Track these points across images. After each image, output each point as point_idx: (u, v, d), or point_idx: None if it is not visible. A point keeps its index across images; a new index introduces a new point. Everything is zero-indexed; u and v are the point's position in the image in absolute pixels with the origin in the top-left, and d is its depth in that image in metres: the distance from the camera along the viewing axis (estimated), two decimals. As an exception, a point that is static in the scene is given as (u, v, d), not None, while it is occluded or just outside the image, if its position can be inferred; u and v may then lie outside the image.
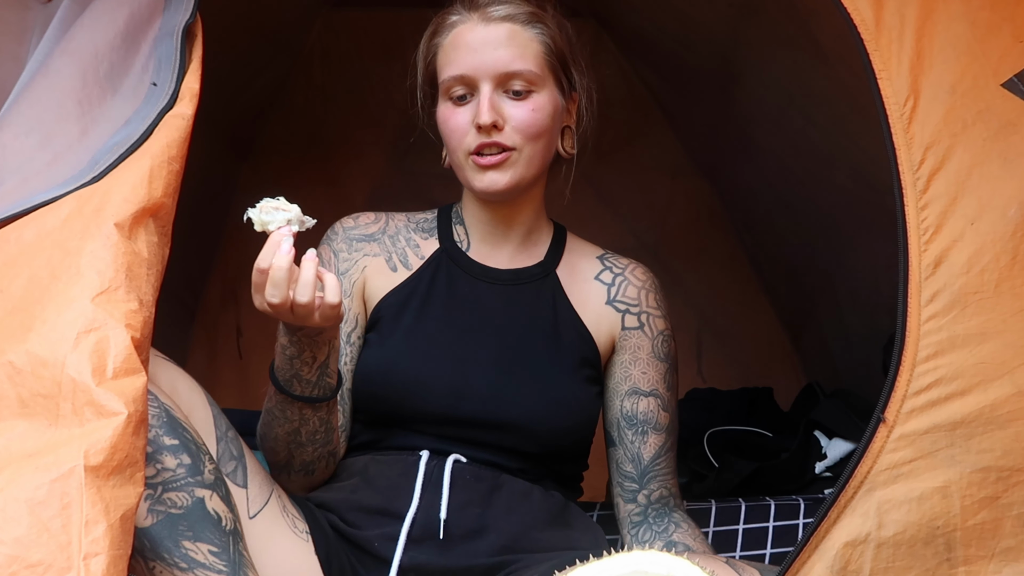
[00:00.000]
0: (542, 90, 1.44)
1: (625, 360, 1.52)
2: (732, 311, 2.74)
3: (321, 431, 1.39)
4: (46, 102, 1.26)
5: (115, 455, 0.95)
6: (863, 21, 1.22)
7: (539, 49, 1.44)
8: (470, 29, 1.44)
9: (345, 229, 1.54)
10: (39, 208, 1.14)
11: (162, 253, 1.15)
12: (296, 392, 1.34)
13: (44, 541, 0.90)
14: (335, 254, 1.52)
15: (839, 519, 1.13)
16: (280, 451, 1.41)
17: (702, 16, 2.04)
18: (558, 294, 1.53)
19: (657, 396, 1.51)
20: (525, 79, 1.42)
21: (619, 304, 1.53)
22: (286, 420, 1.37)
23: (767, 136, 2.15)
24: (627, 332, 1.52)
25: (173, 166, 1.17)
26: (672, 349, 1.55)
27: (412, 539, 1.35)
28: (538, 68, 1.43)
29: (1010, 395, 1.13)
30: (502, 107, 1.41)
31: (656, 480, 1.50)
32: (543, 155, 1.47)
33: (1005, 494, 1.13)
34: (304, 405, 1.36)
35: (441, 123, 1.46)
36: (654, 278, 1.58)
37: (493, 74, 1.41)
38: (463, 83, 1.43)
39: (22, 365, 0.99)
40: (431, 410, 1.42)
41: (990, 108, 1.19)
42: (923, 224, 1.17)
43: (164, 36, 1.28)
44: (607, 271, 1.56)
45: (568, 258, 1.56)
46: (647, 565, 1.00)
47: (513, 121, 1.41)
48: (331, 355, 1.34)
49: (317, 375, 1.34)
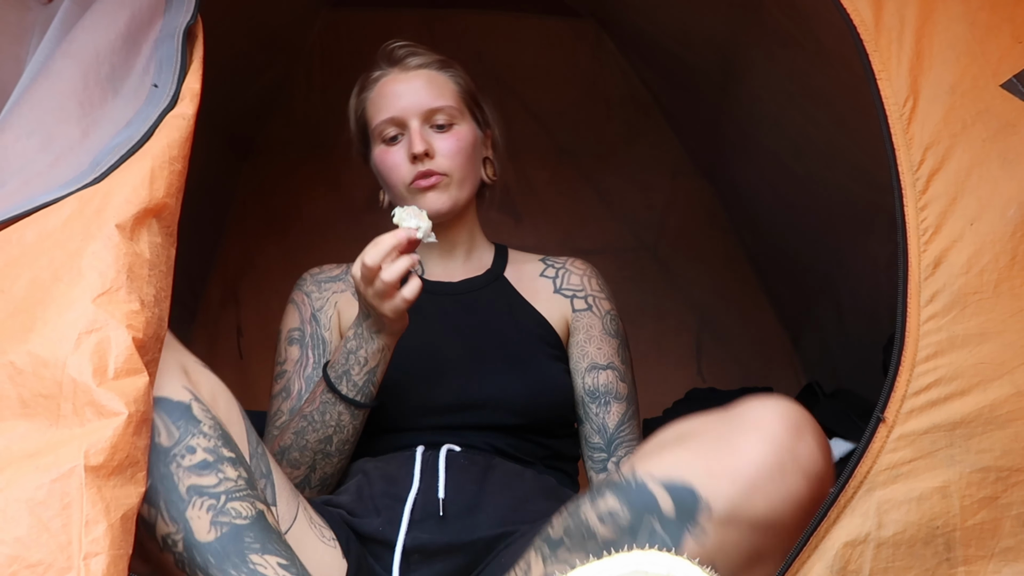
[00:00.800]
0: (462, 123, 1.67)
1: (580, 340, 1.68)
2: (732, 311, 2.74)
3: (350, 442, 1.51)
4: (47, 104, 1.26)
5: (116, 455, 0.95)
6: (863, 22, 1.23)
7: (454, 89, 1.68)
8: (393, 80, 1.67)
9: (312, 275, 1.75)
10: (40, 209, 1.14)
11: (167, 253, 1.15)
12: (343, 392, 1.47)
13: (44, 541, 0.90)
14: (307, 295, 1.71)
15: (839, 519, 1.13)
16: (303, 463, 1.50)
17: (702, 16, 2.04)
18: (510, 292, 1.71)
19: (614, 368, 1.66)
20: (447, 113, 1.65)
21: (566, 291, 1.73)
22: (323, 425, 1.48)
23: (767, 136, 2.15)
24: (578, 314, 1.70)
25: (175, 166, 1.17)
26: (620, 327, 1.72)
27: (414, 520, 1.40)
28: (456, 103, 1.67)
29: (1009, 395, 1.13)
30: (430, 139, 1.63)
31: (623, 447, 1.62)
32: (472, 179, 1.67)
33: (1004, 494, 1.13)
34: (344, 409, 1.48)
35: (379, 164, 1.67)
36: (593, 268, 1.78)
37: (419, 111, 1.63)
38: (394, 124, 1.64)
39: (23, 365, 1.00)
40: (411, 405, 1.54)
41: (990, 109, 1.19)
42: (923, 224, 1.17)
43: (165, 38, 1.28)
44: (549, 268, 1.76)
45: (512, 266, 1.76)
46: (647, 565, 1.00)
47: (442, 150, 1.62)
48: (380, 366, 1.49)
49: (364, 379, 1.48)
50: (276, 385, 1.64)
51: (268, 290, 2.69)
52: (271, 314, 2.72)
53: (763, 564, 1.09)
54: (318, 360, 1.64)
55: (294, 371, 1.63)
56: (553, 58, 2.71)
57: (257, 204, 2.71)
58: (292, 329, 1.68)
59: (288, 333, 1.68)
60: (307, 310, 1.69)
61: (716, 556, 1.05)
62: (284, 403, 1.60)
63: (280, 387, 1.63)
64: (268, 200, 2.71)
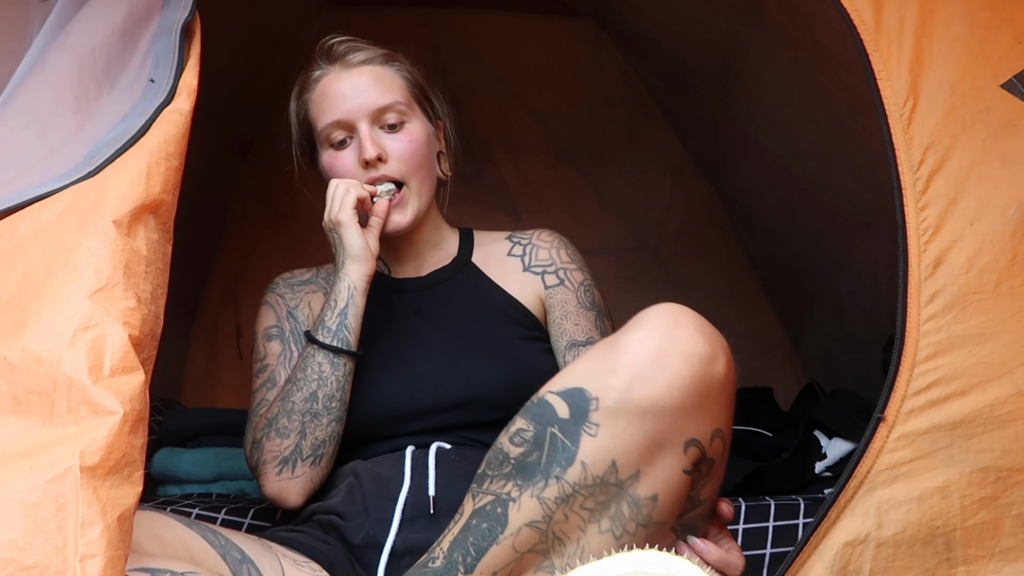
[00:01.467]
0: (413, 120, 1.58)
1: (557, 317, 1.62)
2: (732, 311, 2.74)
3: (336, 398, 1.46)
4: (43, 96, 1.25)
5: (111, 455, 0.94)
6: (863, 22, 1.22)
7: (401, 83, 1.59)
8: (336, 79, 1.57)
9: (284, 279, 1.70)
10: (35, 202, 1.14)
11: (164, 250, 1.14)
12: (318, 338, 1.45)
13: (39, 543, 0.89)
14: (281, 297, 1.66)
15: (839, 519, 1.13)
16: (292, 430, 1.45)
17: (702, 16, 2.04)
18: (478, 277, 1.65)
19: (593, 343, 1.58)
20: (396, 111, 1.56)
21: (535, 268, 1.65)
22: (306, 381, 1.45)
23: (767, 136, 2.15)
24: (551, 290, 1.63)
25: (172, 162, 1.17)
26: (596, 297, 1.65)
27: (405, 519, 1.39)
28: (404, 99, 1.58)
29: (1009, 395, 1.13)
30: (382, 141, 1.54)
31: None
32: (429, 181, 1.59)
33: (1004, 494, 1.13)
34: (324, 359, 1.45)
35: (328, 170, 1.58)
36: (560, 237, 1.70)
37: (367, 112, 1.54)
38: (341, 127, 1.55)
39: (17, 361, 0.99)
40: (393, 410, 1.50)
41: (989, 109, 1.19)
42: (923, 224, 1.17)
43: (162, 33, 1.28)
44: (516, 245, 1.69)
45: (480, 249, 1.69)
46: (647, 565, 1.00)
47: (395, 153, 1.54)
48: (351, 308, 1.47)
49: (336, 322, 1.46)
50: (258, 380, 1.59)
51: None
52: (271, 314, 2.74)
53: (663, 452, 1.13)
54: None
55: (278, 363, 1.59)
56: (553, 58, 2.71)
57: (257, 204, 2.71)
58: (269, 327, 1.63)
59: (266, 331, 1.63)
60: (282, 309, 1.65)
61: (614, 449, 1.12)
62: (269, 392, 1.56)
63: (264, 379, 1.58)
64: (268, 200, 2.71)
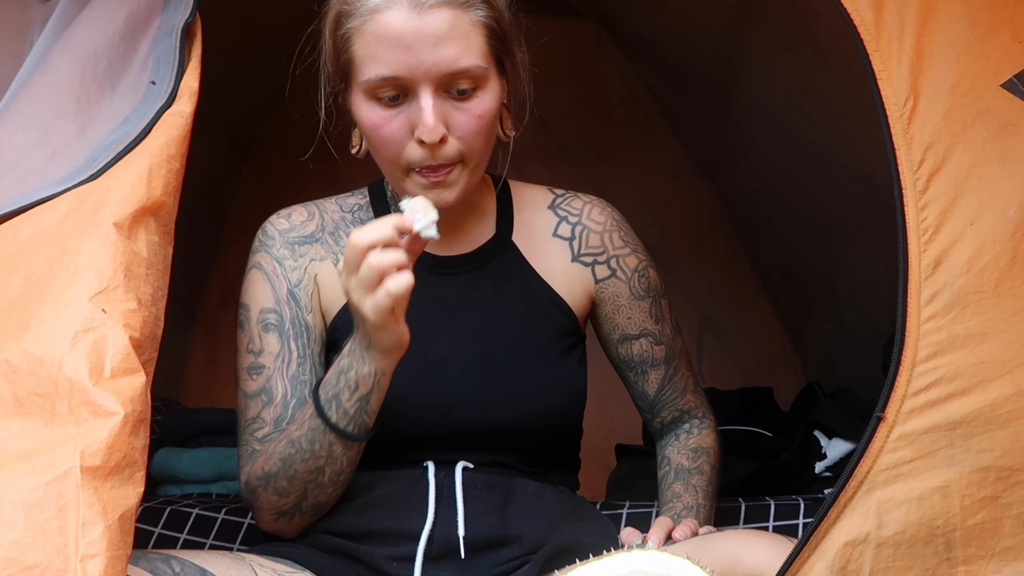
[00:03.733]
0: (487, 87, 1.26)
1: (608, 311, 1.46)
2: (732, 311, 2.74)
3: (346, 472, 1.28)
4: (44, 99, 1.25)
5: (112, 455, 0.95)
6: (863, 22, 1.22)
7: (483, 36, 1.24)
8: (400, 18, 1.20)
9: (281, 232, 1.39)
10: (36, 205, 1.14)
11: (164, 252, 1.14)
12: (332, 419, 1.23)
13: (40, 543, 0.89)
14: (279, 262, 1.38)
15: (839, 519, 1.13)
16: (293, 492, 1.28)
17: (702, 16, 2.04)
18: (521, 265, 1.42)
19: (647, 335, 1.48)
20: (471, 77, 1.23)
21: (585, 258, 1.44)
22: (313, 456, 1.25)
23: (767, 136, 2.15)
24: (602, 284, 1.45)
25: (173, 164, 1.16)
26: (652, 280, 1.48)
27: (430, 558, 1.28)
28: (484, 61, 1.24)
29: (1010, 395, 1.13)
30: (447, 115, 1.24)
31: (666, 408, 1.53)
32: (488, 154, 1.32)
33: (1005, 494, 1.13)
34: (336, 440, 1.24)
35: (368, 129, 1.29)
36: (613, 215, 1.47)
37: (435, 75, 1.21)
38: (396, 86, 1.23)
39: (18, 363, 0.99)
40: (423, 430, 1.34)
41: (990, 108, 1.19)
42: (923, 224, 1.16)
43: (163, 35, 1.27)
44: (563, 223, 1.44)
45: (520, 219, 1.43)
46: (647, 565, 1.00)
47: (459, 130, 1.24)
48: (374, 393, 1.23)
49: (356, 407, 1.23)
50: (251, 381, 1.35)
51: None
52: (271, 314, 2.74)
53: None
54: (303, 354, 1.35)
55: (275, 369, 1.34)
56: (553, 58, 2.71)
57: (257, 204, 2.71)
58: (265, 311, 1.36)
59: (261, 316, 1.36)
60: (282, 286, 1.37)
61: None
62: (265, 410, 1.33)
63: (258, 386, 1.34)
64: (268, 200, 2.70)
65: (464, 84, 1.23)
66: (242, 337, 1.38)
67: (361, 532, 1.31)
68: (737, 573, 1.15)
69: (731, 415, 2.30)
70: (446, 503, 1.31)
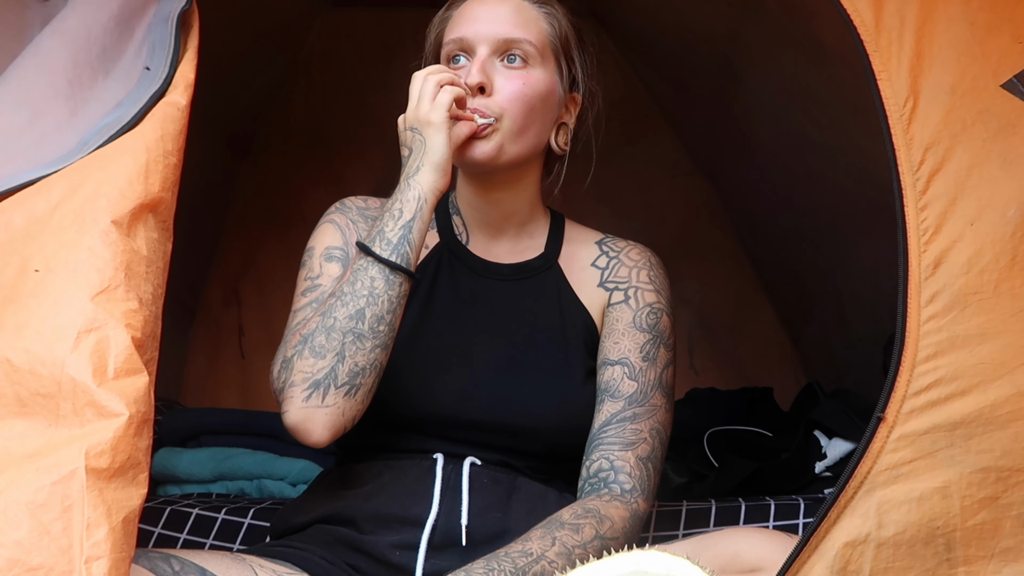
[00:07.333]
0: (538, 67, 1.41)
1: (604, 334, 1.48)
2: (732, 311, 2.74)
3: (386, 320, 1.29)
4: (36, 81, 1.23)
5: (117, 456, 0.95)
6: (863, 22, 1.22)
7: (543, 27, 1.43)
8: (479, 1, 1.43)
9: (358, 206, 1.50)
10: (25, 187, 1.12)
11: (164, 249, 1.13)
12: (375, 250, 1.29)
13: (45, 544, 0.89)
14: (352, 223, 1.47)
15: (839, 519, 1.13)
16: (330, 350, 1.27)
17: (702, 16, 2.04)
18: (561, 284, 1.50)
19: (625, 364, 1.44)
20: (523, 49, 1.39)
21: (609, 284, 1.50)
22: (354, 296, 1.28)
23: (767, 136, 2.15)
24: (612, 307, 1.49)
25: (170, 160, 1.15)
26: (663, 324, 1.48)
27: (433, 546, 1.31)
28: (538, 42, 1.41)
29: (1010, 395, 1.13)
30: (493, 73, 1.39)
31: (599, 449, 1.40)
32: (532, 135, 1.42)
33: (1005, 494, 1.13)
34: (378, 274, 1.28)
35: None
36: (651, 258, 1.54)
37: (491, 39, 1.39)
38: (460, 47, 1.41)
39: (20, 363, 0.99)
40: (439, 413, 1.38)
41: (990, 109, 1.19)
42: (923, 224, 1.17)
43: (159, 21, 1.26)
44: (603, 256, 1.54)
45: (568, 248, 1.53)
46: (647, 565, 1.00)
47: (502, 89, 1.38)
48: (416, 222, 1.31)
49: (399, 235, 1.30)
50: (303, 299, 1.41)
51: (269, 289, 2.70)
52: (273, 313, 2.73)
53: None
54: None
55: (330, 285, 1.41)
56: (553, 58, 2.71)
57: (257, 203, 2.72)
58: (332, 247, 1.45)
59: (327, 250, 1.45)
60: (352, 234, 1.46)
61: None
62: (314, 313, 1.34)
63: (311, 299, 1.41)
64: (268, 199, 2.71)
65: (516, 52, 1.40)
66: (302, 272, 1.45)
67: (368, 516, 1.34)
68: (737, 568, 1.17)
69: (731, 415, 2.30)
70: (451, 494, 1.35)
